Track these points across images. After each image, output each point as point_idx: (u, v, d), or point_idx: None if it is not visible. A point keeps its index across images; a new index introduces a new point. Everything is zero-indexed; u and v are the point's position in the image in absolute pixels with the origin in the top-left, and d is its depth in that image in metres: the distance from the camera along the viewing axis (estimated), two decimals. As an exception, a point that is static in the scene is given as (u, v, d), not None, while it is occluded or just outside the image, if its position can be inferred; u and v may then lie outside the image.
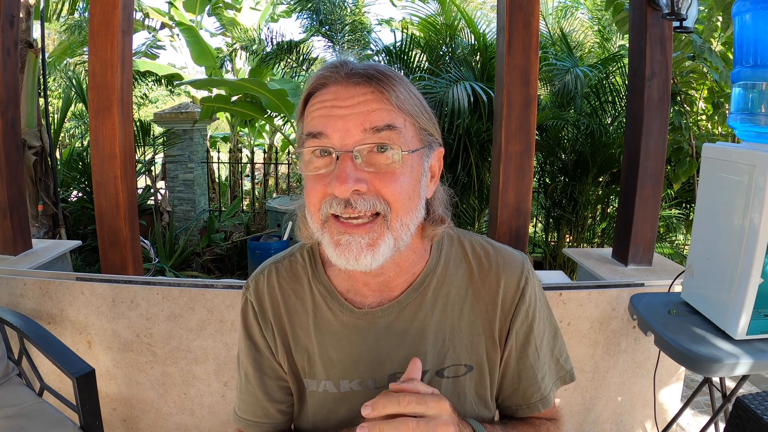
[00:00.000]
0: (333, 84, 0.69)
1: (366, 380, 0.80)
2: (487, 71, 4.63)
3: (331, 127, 0.67)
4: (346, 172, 0.65)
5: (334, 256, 0.70)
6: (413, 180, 0.70)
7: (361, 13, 7.13)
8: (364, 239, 0.68)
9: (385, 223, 0.68)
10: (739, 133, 1.59)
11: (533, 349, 0.83)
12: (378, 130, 0.66)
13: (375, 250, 0.68)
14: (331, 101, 0.68)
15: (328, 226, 0.70)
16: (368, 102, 0.67)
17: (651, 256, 2.20)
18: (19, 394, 1.61)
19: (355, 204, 0.66)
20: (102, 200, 2.10)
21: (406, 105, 0.69)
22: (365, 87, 0.67)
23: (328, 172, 0.68)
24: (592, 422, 2.02)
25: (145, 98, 11.14)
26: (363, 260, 0.68)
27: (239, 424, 0.88)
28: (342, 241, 0.68)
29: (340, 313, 0.80)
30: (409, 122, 0.70)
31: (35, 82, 3.86)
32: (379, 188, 0.67)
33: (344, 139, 0.67)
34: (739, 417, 1.37)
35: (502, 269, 0.81)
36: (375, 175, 0.67)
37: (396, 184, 0.68)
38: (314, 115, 0.69)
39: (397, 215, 0.69)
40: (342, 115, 0.67)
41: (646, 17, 2.04)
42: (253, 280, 0.86)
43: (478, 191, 4.59)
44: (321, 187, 0.68)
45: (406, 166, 0.69)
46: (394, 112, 0.68)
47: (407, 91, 0.70)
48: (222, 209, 6.96)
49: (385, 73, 0.69)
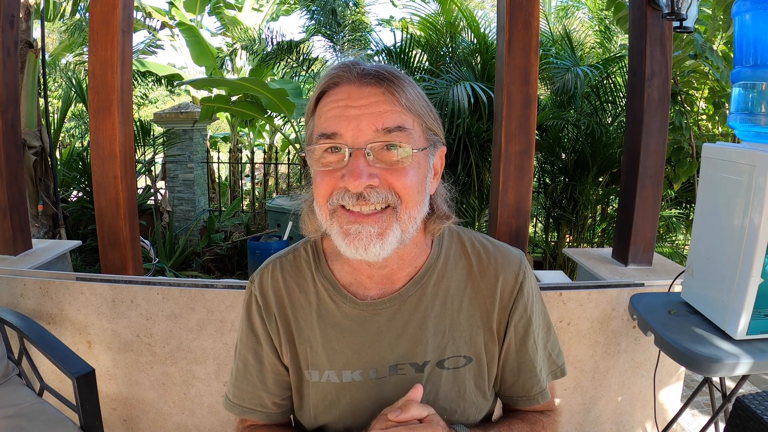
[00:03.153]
0: (345, 84, 0.71)
1: (367, 371, 0.82)
2: (488, 71, 4.63)
3: (344, 126, 0.70)
4: (359, 167, 0.68)
5: (344, 245, 0.72)
6: (420, 176, 0.73)
7: (361, 12, 7.13)
8: (374, 228, 0.71)
9: (394, 215, 0.72)
10: (739, 133, 1.59)
11: (532, 342, 0.85)
12: (389, 131, 0.69)
13: (384, 239, 0.71)
14: (344, 101, 0.70)
15: (337, 217, 0.72)
16: (380, 103, 0.70)
17: (651, 256, 2.20)
18: (19, 394, 1.61)
19: (368, 197, 0.70)
20: (102, 200, 2.10)
21: (415, 106, 0.72)
22: (377, 88, 0.70)
23: (339, 167, 0.71)
24: (592, 422, 2.02)
25: (145, 98, 11.14)
26: (372, 249, 0.71)
27: (233, 410, 0.89)
28: (352, 231, 0.71)
29: (342, 305, 0.82)
30: (417, 123, 0.73)
31: (35, 82, 3.86)
32: (392, 182, 0.70)
33: (357, 137, 0.69)
34: (739, 417, 1.37)
35: (501, 265, 0.84)
36: (386, 170, 0.70)
37: (406, 178, 0.71)
38: (328, 115, 0.71)
39: (407, 208, 0.72)
40: (355, 115, 0.69)
41: (646, 17, 2.04)
42: (258, 274, 0.89)
43: (478, 191, 4.59)
44: (332, 180, 0.71)
45: (414, 163, 0.72)
46: (404, 114, 0.71)
47: (415, 92, 0.73)
48: (222, 209, 6.96)
49: (396, 74, 0.72)
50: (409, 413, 0.71)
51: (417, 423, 0.71)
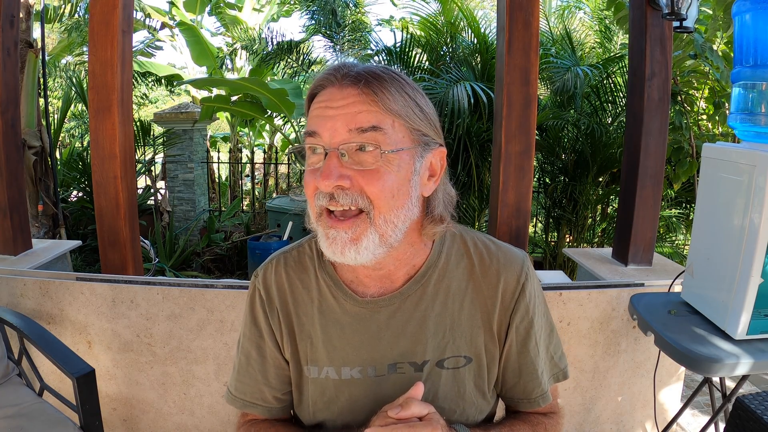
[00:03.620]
0: (329, 86, 0.73)
1: (366, 368, 0.82)
2: (488, 71, 4.63)
3: (323, 126, 0.72)
4: (330, 168, 0.70)
5: (325, 247, 0.75)
6: (400, 179, 0.73)
7: (361, 12, 7.13)
8: (347, 234, 0.72)
9: (368, 220, 0.72)
10: (739, 133, 1.59)
11: (533, 344, 0.85)
12: (363, 130, 0.70)
13: (358, 244, 0.72)
14: (325, 102, 0.73)
15: (322, 221, 0.75)
16: (356, 104, 0.71)
17: (651, 256, 2.20)
18: (19, 394, 1.61)
19: (337, 198, 0.71)
20: (102, 200, 2.10)
21: (396, 106, 0.72)
22: (353, 89, 0.71)
23: (319, 168, 0.73)
24: (592, 422, 2.02)
25: (145, 98, 11.13)
26: (348, 254, 0.73)
27: (235, 403, 0.90)
28: (329, 235, 0.73)
29: (343, 302, 0.83)
30: (399, 123, 0.72)
31: (35, 82, 3.86)
32: (362, 186, 0.71)
33: (332, 137, 0.71)
34: (739, 417, 1.37)
35: (503, 265, 0.84)
36: (360, 173, 0.71)
37: (379, 182, 0.71)
38: (312, 115, 0.74)
39: (380, 212, 0.72)
40: (332, 115, 0.71)
41: (646, 17, 2.04)
42: (262, 269, 0.90)
43: (478, 191, 4.59)
44: (312, 181, 0.73)
45: (393, 165, 0.72)
46: (381, 114, 0.71)
47: (400, 93, 0.73)
48: (222, 209, 6.95)
49: (379, 75, 0.72)
50: (410, 411, 0.71)
51: (417, 421, 0.71)
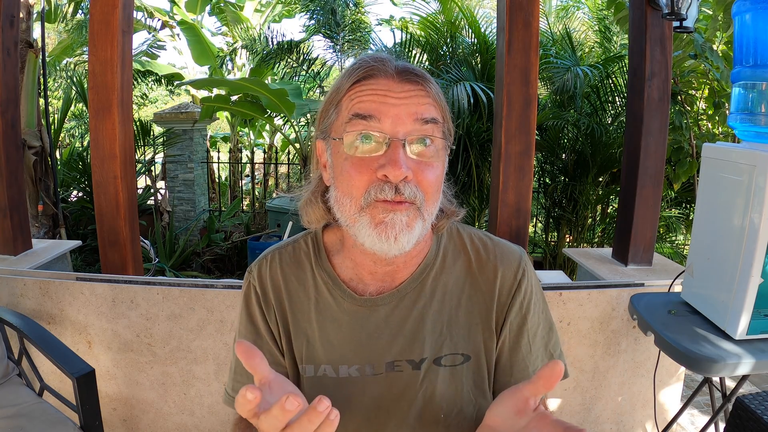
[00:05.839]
0: (383, 76, 0.72)
1: (364, 367, 0.81)
2: (488, 71, 4.63)
3: (384, 113, 0.70)
4: (400, 158, 0.69)
5: (373, 235, 0.71)
6: (442, 173, 0.75)
7: (361, 12, 7.13)
8: (405, 218, 0.70)
9: (418, 211, 0.72)
10: (739, 133, 1.59)
11: (525, 342, 0.83)
12: (426, 121, 0.71)
13: (411, 230, 0.71)
14: (384, 90, 0.71)
15: (370, 209, 0.71)
16: (418, 96, 0.72)
17: (651, 256, 2.20)
18: (19, 394, 1.61)
19: (402, 190, 0.69)
20: (102, 200, 2.10)
21: (442, 104, 0.75)
22: (414, 84, 0.72)
23: (376, 157, 0.70)
24: (592, 422, 2.02)
25: (145, 98, 11.13)
26: (401, 238, 0.70)
27: (231, 403, 0.88)
28: (386, 219, 0.70)
29: (341, 300, 0.82)
30: (445, 118, 0.75)
31: (35, 82, 3.86)
32: (420, 178, 0.71)
33: (396, 126, 0.70)
34: (739, 417, 1.38)
35: (500, 261, 0.83)
36: (417, 164, 0.71)
37: (433, 175, 0.72)
38: (364, 99, 0.71)
39: (429, 205, 0.73)
40: (394, 104, 0.70)
41: (646, 17, 2.04)
42: (256, 265, 0.88)
43: (478, 191, 4.59)
44: (369, 171, 0.70)
45: (440, 159, 0.74)
46: (436, 108, 0.73)
47: (438, 90, 0.76)
48: (222, 209, 6.95)
49: (422, 71, 0.75)
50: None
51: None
